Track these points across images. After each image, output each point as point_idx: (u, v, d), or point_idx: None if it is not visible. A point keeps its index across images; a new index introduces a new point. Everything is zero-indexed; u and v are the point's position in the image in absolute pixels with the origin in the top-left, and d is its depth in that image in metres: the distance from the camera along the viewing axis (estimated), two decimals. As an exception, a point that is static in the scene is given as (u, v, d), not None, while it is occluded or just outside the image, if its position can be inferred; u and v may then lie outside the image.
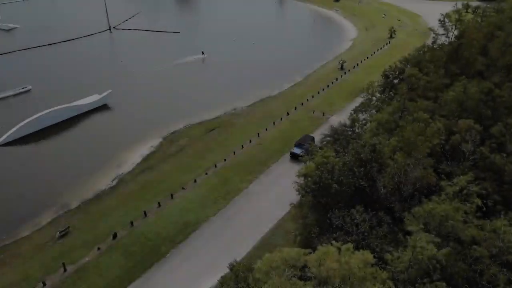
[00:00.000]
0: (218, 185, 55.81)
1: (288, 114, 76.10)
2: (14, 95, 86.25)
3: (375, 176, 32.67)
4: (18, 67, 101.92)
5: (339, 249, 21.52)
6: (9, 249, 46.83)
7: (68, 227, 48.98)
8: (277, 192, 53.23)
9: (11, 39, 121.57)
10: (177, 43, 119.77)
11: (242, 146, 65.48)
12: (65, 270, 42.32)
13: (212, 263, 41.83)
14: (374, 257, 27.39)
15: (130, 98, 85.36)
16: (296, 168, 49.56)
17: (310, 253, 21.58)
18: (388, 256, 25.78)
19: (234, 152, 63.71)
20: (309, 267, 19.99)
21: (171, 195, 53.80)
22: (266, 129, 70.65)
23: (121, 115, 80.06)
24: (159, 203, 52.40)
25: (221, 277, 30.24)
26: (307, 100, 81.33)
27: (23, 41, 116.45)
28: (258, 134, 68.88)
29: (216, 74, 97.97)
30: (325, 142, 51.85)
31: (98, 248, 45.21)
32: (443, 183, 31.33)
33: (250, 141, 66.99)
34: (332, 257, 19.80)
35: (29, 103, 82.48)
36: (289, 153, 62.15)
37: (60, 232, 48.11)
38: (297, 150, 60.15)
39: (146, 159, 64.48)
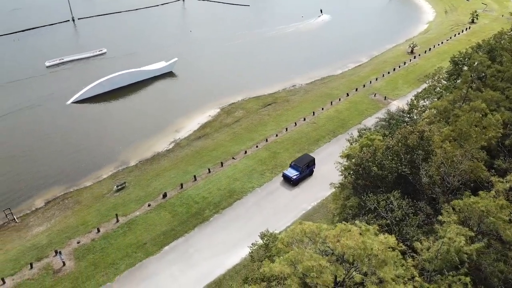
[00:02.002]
0: (267, 159, 56.72)
1: (347, 95, 74.44)
2: (91, 57, 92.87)
3: (420, 164, 31.50)
4: (97, 31, 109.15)
5: (360, 228, 21.45)
6: (72, 196, 51.88)
7: (125, 182, 52.94)
8: (324, 171, 52.95)
9: (90, 4, 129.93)
10: (247, 16, 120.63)
11: (295, 123, 65.52)
12: (117, 220, 46.09)
13: (250, 232, 43.10)
14: (406, 245, 26.97)
15: (195, 67, 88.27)
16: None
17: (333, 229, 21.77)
18: (417, 245, 25.21)
19: (286, 129, 64.01)
20: (327, 242, 20.25)
21: (221, 163, 55.72)
22: (323, 109, 69.85)
23: (184, 83, 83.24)
24: (209, 169, 54.60)
25: (252, 244, 31.40)
26: (370, 82, 78.76)
27: (102, 6, 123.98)
28: (314, 112, 68.36)
29: (279, 50, 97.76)
30: (379, 127, 50.38)
31: (149, 205, 48.47)
32: (493, 179, 29.49)
33: (304, 119, 66.77)
34: (350, 235, 19.84)
35: (103, 65, 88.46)
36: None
37: (117, 186, 52.18)
38: (290, 172, 50.82)
39: (202, 127, 66.99)
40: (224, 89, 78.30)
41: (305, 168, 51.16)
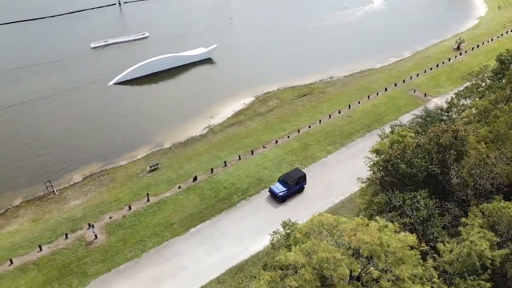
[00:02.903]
0: (298, 150, 56.66)
1: (386, 89, 72.64)
2: (134, 40, 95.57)
3: (451, 164, 30.52)
4: (141, 16, 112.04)
5: (379, 224, 21.20)
6: (108, 173, 54.19)
7: (158, 163, 54.62)
8: (355, 166, 52.15)
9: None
10: (289, 5, 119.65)
11: (329, 115, 64.85)
12: (148, 200, 47.78)
13: (275, 221, 43.49)
14: (429, 245, 26.46)
15: (233, 55, 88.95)
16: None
17: (352, 223, 21.70)
18: (440, 246, 24.64)
19: (320, 121, 63.51)
20: (344, 235, 20.23)
21: (252, 151, 56.24)
22: (359, 102, 68.64)
23: (222, 70, 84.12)
24: (239, 156, 55.28)
25: (273, 232, 31.77)
26: (410, 78, 76.41)
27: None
28: (349, 106, 67.33)
29: (319, 41, 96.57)
30: (414, 124, 49.04)
31: (179, 187, 49.85)
32: (529, 184, 28.17)
33: (339, 112, 65.94)
34: (366, 230, 19.69)
35: (145, 48, 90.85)
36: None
37: (150, 167, 53.95)
38: (277, 188, 46.52)
39: (236, 114, 67.69)
40: (260, 78, 78.49)
41: (294, 185, 46.30)
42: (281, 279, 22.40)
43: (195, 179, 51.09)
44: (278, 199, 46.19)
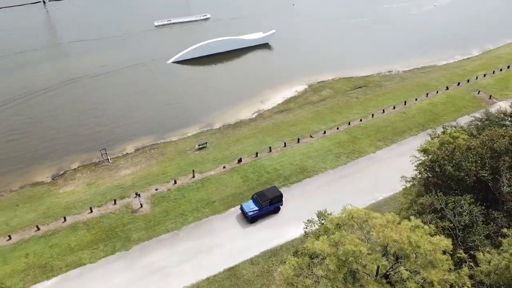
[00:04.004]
0: (345, 143, 55.75)
1: (447, 88, 69.03)
2: (196, 21, 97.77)
3: (504, 171, 28.68)
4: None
5: (411, 224, 20.55)
6: (158, 147, 56.68)
7: (206, 142, 56.21)
8: (403, 165, 50.24)
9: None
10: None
11: (383, 110, 62.96)
12: (193, 176, 49.49)
13: (314, 211, 43.42)
14: (468, 253, 25.32)
15: (291, 42, 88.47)
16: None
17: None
18: (479, 255, 23.47)
19: (372, 115, 61.85)
20: (373, 231, 19.90)
21: (298, 139, 56.14)
22: (416, 99, 65.90)
23: (278, 56, 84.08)
24: (285, 143, 55.44)
25: (307, 220, 31.83)
26: (476, 78, 71.94)
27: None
28: (405, 102, 64.87)
29: (381, 33, 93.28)
30: (472, 126, 46.33)
31: (224, 167, 51.08)
32: None
33: (394, 107, 63.78)
34: (396, 228, 19.19)
35: (205, 30, 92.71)
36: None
37: (199, 145, 55.67)
38: (248, 207, 42.51)
39: (287, 101, 67.68)
40: (316, 67, 77.62)
41: (266, 205, 42.04)
42: (308, 266, 22.60)
43: (239, 161, 52.04)
44: (248, 219, 42.09)
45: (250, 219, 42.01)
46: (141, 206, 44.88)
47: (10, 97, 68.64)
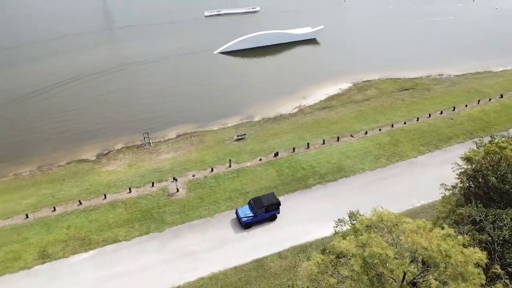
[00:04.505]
0: (387, 145, 54.37)
1: (501, 96, 65.47)
2: (244, 13, 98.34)
3: (553, 188, 26.91)
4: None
5: (443, 232, 19.76)
6: (199, 135, 57.94)
7: (245, 134, 56.77)
8: (446, 173, 48.15)
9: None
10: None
11: (429, 114, 60.71)
12: (230, 165, 50.20)
13: (347, 211, 42.80)
14: (505, 270, 24.13)
15: (338, 38, 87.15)
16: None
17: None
18: (517, 273, 22.28)
19: (417, 118, 59.84)
20: (402, 235, 19.35)
21: (337, 138, 55.40)
22: (466, 106, 63.01)
23: (324, 52, 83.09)
24: (324, 141, 54.88)
25: (338, 219, 31.45)
26: (536, 87, 67.72)
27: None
28: (454, 108, 62.19)
29: (434, 34, 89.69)
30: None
31: (260, 159, 51.40)
32: None
33: (441, 112, 61.34)
34: (426, 234, 18.52)
35: (253, 22, 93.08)
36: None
37: (238, 136, 56.32)
38: (242, 212, 41.24)
39: (329, 98, 66.87)
40: (362, 65, 76.06)
41: (262, 212, 40.61)
42: (333, 264, 22.42)
43: (276, 154, 52.14)
44: (242, 225, 40.93)
45: (244, 225, 40.62)
46: (177, 191, 46.13)
47: (64, 79, 72.49)
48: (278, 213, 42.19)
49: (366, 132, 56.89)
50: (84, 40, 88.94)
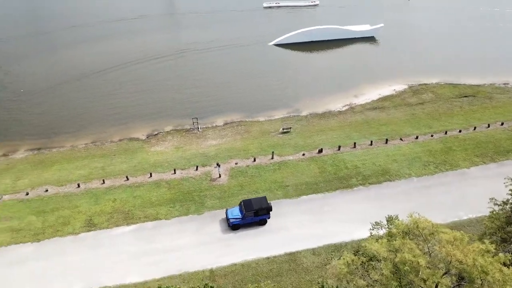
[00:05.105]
0: (438, 152, 52.09)
1: None
2: (304, 6, 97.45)
3: None
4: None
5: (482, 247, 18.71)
6: (245, 125, 58.76)
7: (290, 127, 56.71)
8: (500, 188, 45.70)
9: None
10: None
11: (488, 125, 57.30)
12: (272, 157, 50.49)
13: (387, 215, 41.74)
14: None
15: (399, 38, 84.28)
16: None
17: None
18: None
19: (475, 128, 56.69)
20: (437, 245, 18.58)
21: (386, 140, 53.86)
22: (532, 119, 58.83)
23: (382, 51, 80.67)
24: (371, 141, 53.58)
25: (375, 222, 30.76)
26: None
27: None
28: (517, 119, 58.29)
29: (507, 42, 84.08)
30: None
31: (303, 154, 51.20)
32: None
33: (502, 123, 57.67)
34: (463, 247, 17.61)
35: (312, 16, 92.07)
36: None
37: (283, 129, 56.38)
38: (231, 213, 40.58)
39: (382, 99, 65.02)
40: (420, 67, 73.16)
41: (250, 215, 39.81)
42: (364, 267, 22.08)
43: (320, 151, 51.66)
44: (230, 226, 40.29)
45: (231, 226, 40.03)
46: (219, 176, 47.13)
47: (124, 62, 75.93)
48: (269, 217, 40.97)
49: (417, 137, 54.82)
50: (146, 23, 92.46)
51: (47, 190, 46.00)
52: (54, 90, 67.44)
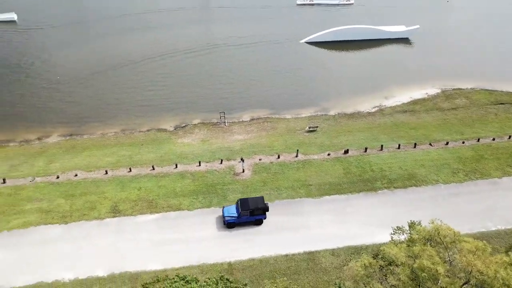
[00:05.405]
0: (468, 159, 50.55)
1: None
2: (338, 5, 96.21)
3: None
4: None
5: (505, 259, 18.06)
6: (271, 121, 58.86)
7: (317, 126, 56.35)
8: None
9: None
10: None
11: (525, 134, 55.17)
12: (296, 155, 50.35)
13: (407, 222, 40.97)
14: None
15: (435, 40, 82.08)
16: None
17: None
18: None
19: (510, 136, 54.68)
20: (458, 254, 18.07)
21: (415, 144, 52.71)
22: None
23: (416, 53, 78.84)
24: (399, 145, 52.54)
25: (397, 227, 30.27)
26: None
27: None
28: (556, 131, 55.76)
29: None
30: None
31: (328, 154, 50.80)
32: None
33: (540, 133, 55.37)
34: (485, 258, 17.06)
35: (345, 15, 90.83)
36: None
37: (309, 128, 56.09)
38: (227, 211, 40.10)
39: (413, 102, 63.66)
40: (455, 71, 71.04)
41: (246, 214, 39.30)
42: (382, 271, 21.80)
43: (346, 152, 51.09)
44: (225, 224, 40.02)
45: (226, 224, 39.79)
46: (243, 171, 47.43)
47: (157, 53, 77.28)
48: (265, 218, 40.52)
49: (447, 143, 53.35)
50: (182, 16, 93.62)
51: (76, 175, 47.59)
52: (87, 80, 69.40)
